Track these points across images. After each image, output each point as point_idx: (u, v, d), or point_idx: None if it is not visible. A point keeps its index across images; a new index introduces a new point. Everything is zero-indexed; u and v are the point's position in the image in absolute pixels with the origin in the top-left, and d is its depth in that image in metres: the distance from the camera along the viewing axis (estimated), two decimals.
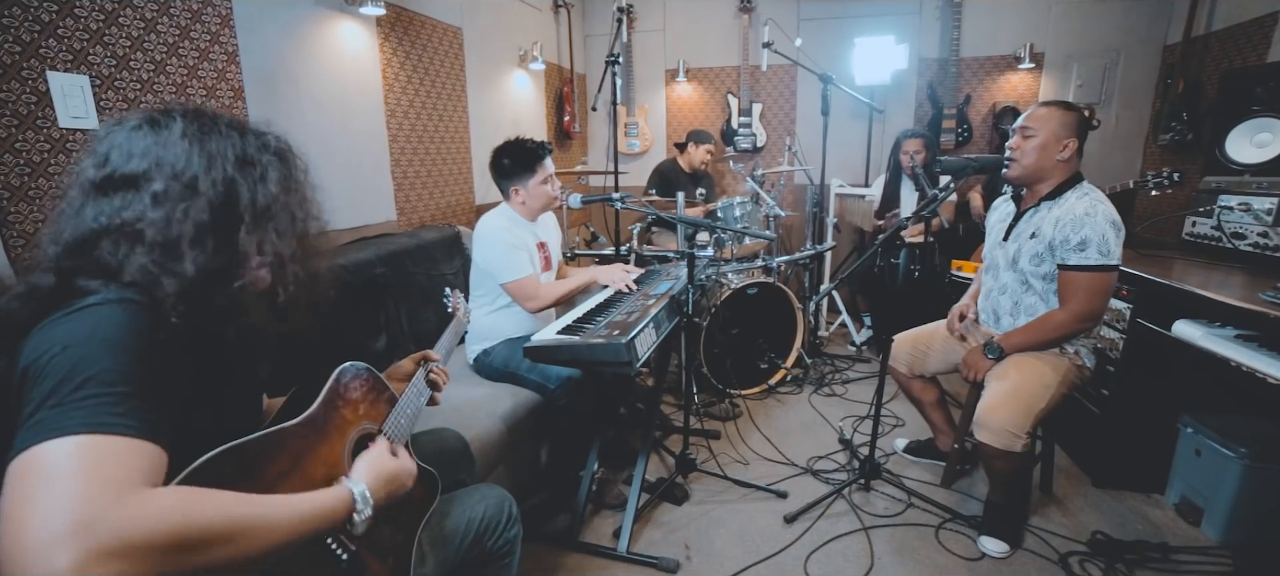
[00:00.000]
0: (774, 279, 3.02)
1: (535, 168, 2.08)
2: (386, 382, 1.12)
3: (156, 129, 0.79)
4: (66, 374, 0.64)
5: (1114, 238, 1.68)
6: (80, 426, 0.61)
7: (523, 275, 2.03)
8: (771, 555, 1.86)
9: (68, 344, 0.66)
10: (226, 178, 0.81)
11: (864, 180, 4.11)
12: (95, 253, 0.75)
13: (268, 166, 0.85)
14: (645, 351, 1.61)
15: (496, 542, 1.20)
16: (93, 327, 0.68)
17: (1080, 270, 1.70)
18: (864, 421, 2.71)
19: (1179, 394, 2.06)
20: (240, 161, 0.83)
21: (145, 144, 0.78)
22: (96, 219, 0.76)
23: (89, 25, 1.59)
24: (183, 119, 0.81)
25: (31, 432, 0.61)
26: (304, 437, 0.88)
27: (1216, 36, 3.35)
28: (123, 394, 0.65)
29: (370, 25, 2.58)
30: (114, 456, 0.61)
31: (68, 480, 0.58)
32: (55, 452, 0.60)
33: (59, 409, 0.62)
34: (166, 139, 0.79)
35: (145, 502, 0.60)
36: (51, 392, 0.63)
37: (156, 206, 0.77)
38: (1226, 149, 2.74)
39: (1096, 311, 1.73)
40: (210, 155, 0.80)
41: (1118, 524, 1.98)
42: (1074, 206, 1.72)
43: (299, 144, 0.95)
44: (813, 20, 4.37)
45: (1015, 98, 4.12)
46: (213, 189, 0.79)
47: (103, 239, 0.75)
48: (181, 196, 0.78)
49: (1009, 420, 1.69)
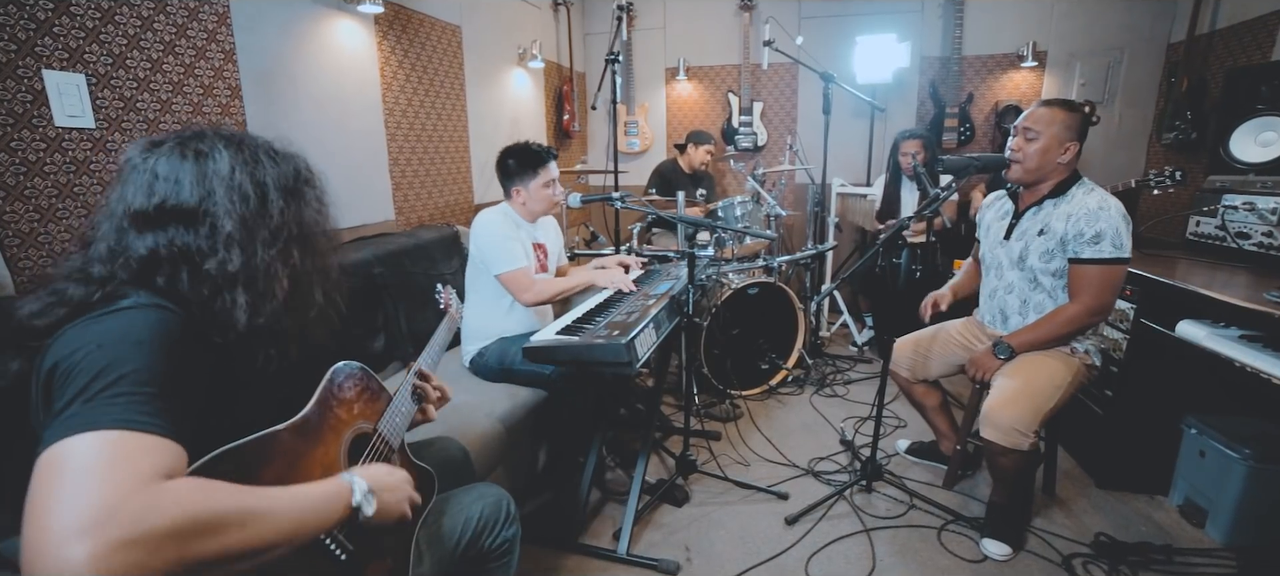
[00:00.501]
0: (775, 279, 3.03)
1: (538, 170, 2.11)
2: (381, 382, 1.12)
3: (201, 160, 0.83)
4: (100, 371, 0.67)
5: (1125, 231, 1.69)
6: (111, 422, 0.63)
7: (517, 266, 2.04)
8: (772, 557, 1.86)
9: (102, 343, 0.69)
10: (282, 209, 0.86)
11: (865, 179, 4.11)
12: (150, 276, 0.79)
13: (309, 191, 0.91)
14: (645, 352, 1.61)
15: (494, 541, 1.20)
16: (126, 329, 0.72)
17: (1094, 263, 1.71)
18: (866, 422, 2.71)
19: (1183, 395, 2.06)
20: (287, 192, 0.88)
21: (192, 174, 0.82)
22: (151, 246, 0.80)
23: (85, 23, 1.59)
24: (226, 148, 0.84)
25: (62, 426, 0.63)
26: (299, 439, 0.88)
27: (1221, 35, 3.35)
28: (152, 394, 0.68)
29: (368, 23, 2.58)
30: (141, 453, 0.64)
31: (94, 474, 0.60)
32: (84, 447, 0.62)
33: (91, 404, 0.65)
34: (216, 171, 0.83)
35: (163, 492, 0.62)
36: (84, 388, 0.66)
37: (219, 240, 0.81)
38: (1230, 148, 2.74)
39: (1108, 304, 1.74)
40: (261, 186, 0.85)
41: (1121, 525, 1.98)
42: (1085, 201, 1.74)
43: (298, 143, 0.97)
44: (814, 18, 4.37)
45: (1018, 96, 4.12)
46: (271, 221, 0.85)
47: (159, 266, 0.79)
48: (244, 231, 0.83)
49: (1017, 418, 1.69)
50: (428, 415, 1.25)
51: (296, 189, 0.90)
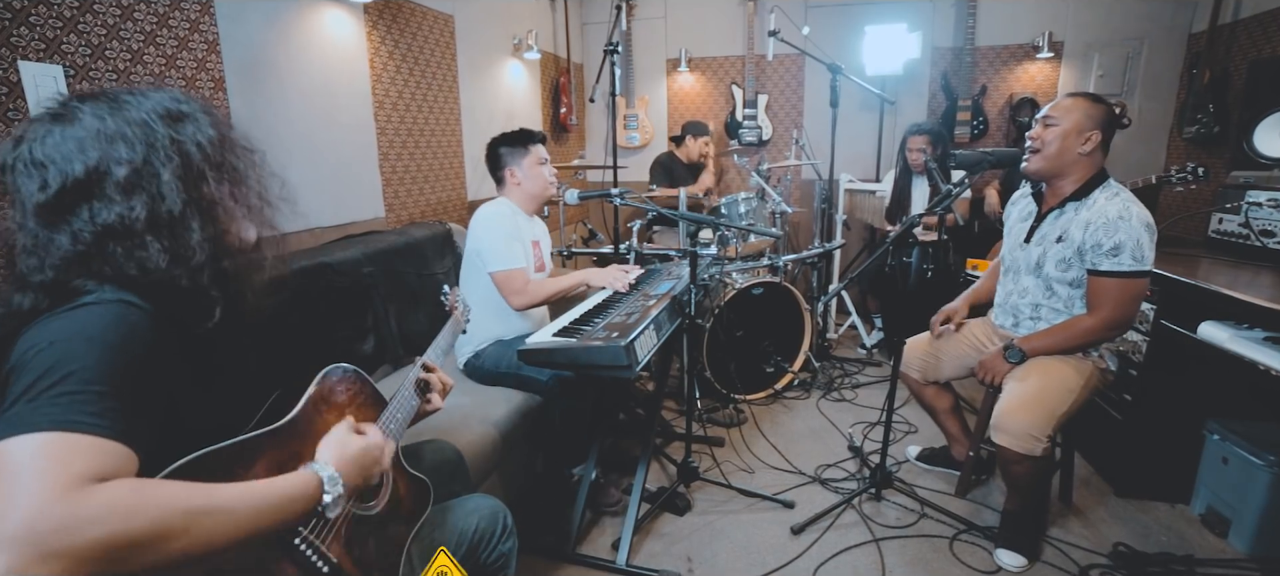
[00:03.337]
0: (780, 278, 3.02)
1: (529, 147, 2.14)
2: (375, 386, 1.12)
3: (65, 123, 0.77)
4: (47, 369, 0.66)
5: (1148, 242, 1.66)
6: (49, 423, 0.62)
7: (514, 266, 2.05)
8: (778, 568, 1.86)
9: (54, 340, 0.68)
10: (170, 138, 0.81)
11: (875, 175, 4.11)
12: (92, 265, 0.76)
13: (194, 112, 0.86)
14: (646, 354, 1.61)
15: (491, 555, 1.20)
16: (81, 326, 0.70)
17: (1112, 276, 1.68)
18: (875, 428, 2.71)
19: (1205, 399, 2.06)
20: (170, 117, 0.83)
21: (67, 144, 0.76)
22: (76, 241, 0.76)
23: (62, 12, 1.59)
24: (86, 102, 0.79)
25: (2, 427, 0.62)
26: (285, 443, 0.88)
27: (1244, 24, 3.34)
28: (99, 392, 0.66)
29: (357, 12, 2.58)
30: (77, 455, 0.62)
31: (24, 480, 0.59)
32: (19, 450, 0.61)
33: (33, 404, 0.63)
34: (85, 129, 0.77)
35: (88, 499, 0.59)
36: (30, 387, 0.65)
37: (129, 197, 0.77)
38: (1254, 142, 2.75)
39: (1128, 319, 1.72)
40: (141, 124, 0.80)
41: (1141, 535, 1.98)
42: (1105, 209, 1.69)
43: (284, 137, 0.97)
44: (820, 7, 4.36)
45: (1033, 88, 4.12)
46: (167, 154, 0.80)
47: (92, 255, 0.76)
48: (147, 176, 0.78)
49: (1029, 423, 1.69)
50: (434, 404, 1.26)
51: (177, 113, 0.84)
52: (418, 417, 1.22)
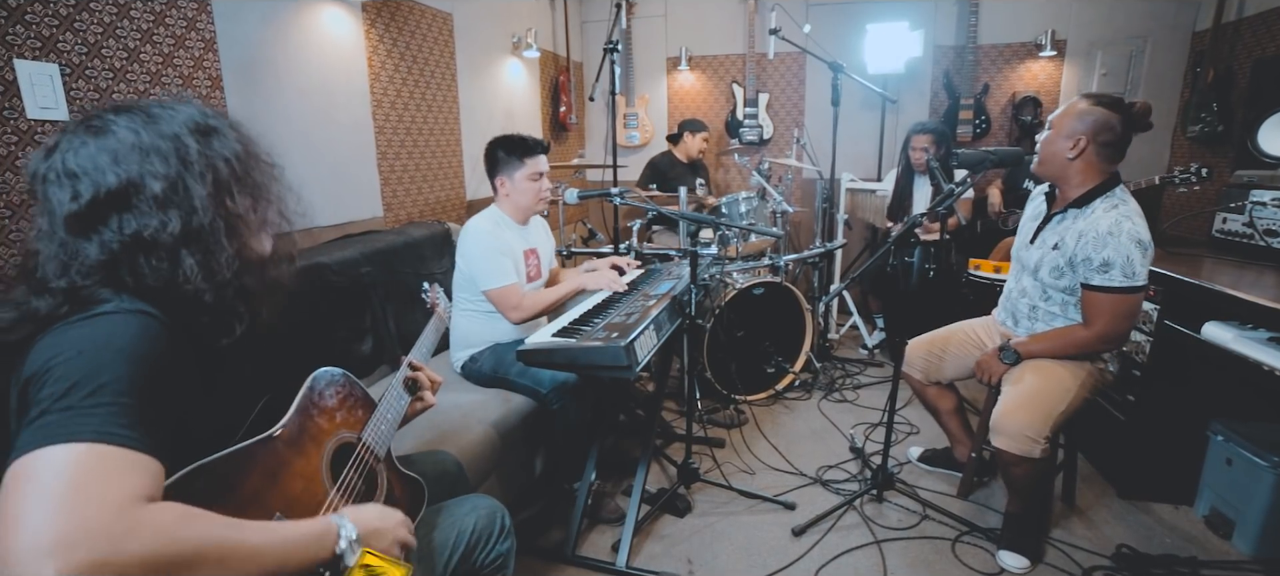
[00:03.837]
0: (781, 278, 3.02)
1: (525, 159, 2.08)
2: (365, 389, 1.12)
3: (99, 135, 0.78)
4: (80, 378, 0.66)
5: (1139, 258, 1.62)
6: (90, 434, 0.63)
7: (505, 283, 2.02)
8: (779, 570, 1.85)
9: (82, 349, 0.69)
10: (201, 152, 0.83)
11: (876, 174, 4.11)
12: (115, 274, 0.77)
13: (222, 127, 0.87)
14: (645, 355, 1.61)
15: (488, 556, 1.20)
16: (109, 335, 0.71)
17: (1104, 291, 1.67)
18: (876, 429, 2.71)
19: (1209, 399, 2.06)
20: (200, 132, 0.84)
21: (102, 156, 0.77)
22: (103, 250, 0.77)
23: (58, 10, 1.59)
24: (119, 115, 0.80)
25: (38, 434, 0.62)
26: (278, 451, 0.88)
27: (1248, 22, 3.34)
28: (130, 405, 0.67)
29: (355, 10, 2.58)
30: (117, 469, 0.63)
31: (68, 489, 0.59)
32: (60, 459, 0.61)
33: (69, 413, 0.64)
34: (119, 141, 0.78)
35: (141, 518, 0.61)
36: (63, 395, 0.65)
37: (164, 211, 0.79)
38: (1259, 141, 2.74)
39: (1122, 333, 1.72)
40: (174, 138, 0.81)
41: (1144, 537, 1.98)
42: (1099, 221, 1.67)
43: (282, 136, 0.97)
44: (822, 5, 4.36)
45: (1036, 87, 4.12)
46: (199, 169, 0.82)
47: (117, 265, 0.78)
48: (180, 191, 0.80)
49: (1026, 424, 1.69)
50: (427, 401, 1.27)
51: (207, 128, 0.85)
52: (411, 416, 1.23)
